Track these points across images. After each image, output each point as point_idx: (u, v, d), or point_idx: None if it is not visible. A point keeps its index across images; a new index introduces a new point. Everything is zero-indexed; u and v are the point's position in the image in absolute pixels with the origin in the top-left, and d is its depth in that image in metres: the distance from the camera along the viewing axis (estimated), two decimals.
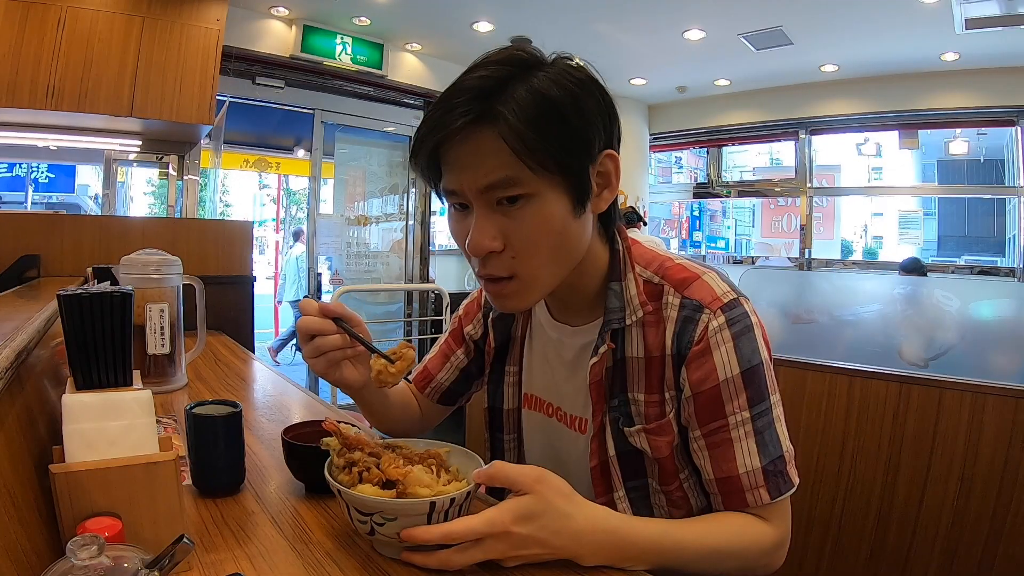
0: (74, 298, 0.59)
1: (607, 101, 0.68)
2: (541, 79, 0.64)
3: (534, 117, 0.62)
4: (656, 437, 0.73)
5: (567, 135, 0.64)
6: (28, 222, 2.02)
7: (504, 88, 0.63)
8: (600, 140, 0.67)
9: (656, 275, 0.75)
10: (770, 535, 0.70)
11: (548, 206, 0.65)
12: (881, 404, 1.51)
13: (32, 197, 6.91)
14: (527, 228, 0.66)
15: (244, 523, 0.70)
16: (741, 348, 0.69)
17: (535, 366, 0.87)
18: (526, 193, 0.65)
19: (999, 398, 1.37)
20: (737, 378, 0.69)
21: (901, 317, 2.69)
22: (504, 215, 0.66)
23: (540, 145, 0.62)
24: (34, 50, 2.71)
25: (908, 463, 1.47)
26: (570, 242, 0.69)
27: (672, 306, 0.72)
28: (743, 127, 5.52)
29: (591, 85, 0.67)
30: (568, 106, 0.64)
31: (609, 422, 0.76)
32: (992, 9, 3.35)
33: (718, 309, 0.70)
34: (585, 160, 0.66)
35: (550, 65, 0.67)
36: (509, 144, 0.62)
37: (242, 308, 2.25)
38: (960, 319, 2.52)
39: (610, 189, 0.71)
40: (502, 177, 0.64)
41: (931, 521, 1.43)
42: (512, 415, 0.90)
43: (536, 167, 0.63)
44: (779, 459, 0.69)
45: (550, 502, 0.59)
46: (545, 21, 3.91)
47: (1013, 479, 1.35)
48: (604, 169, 0.69)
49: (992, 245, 6.38)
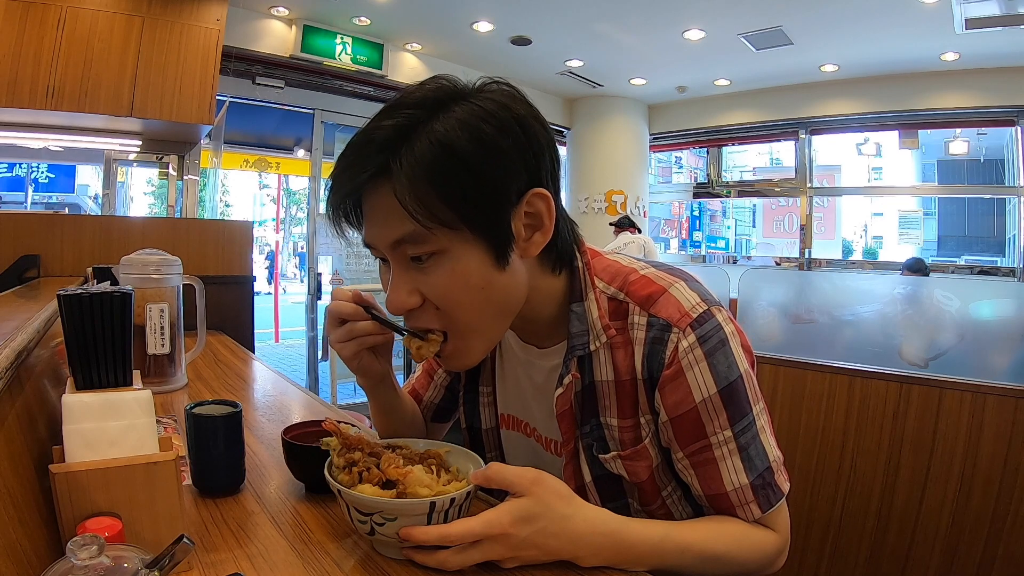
0: (74, 298, 0.59)
1: (532, 134, 0.61)
2: (447, 123, 0.58)
3: (431, 172, 0.57)
4: (633, 463, 0.71)
5: (472, 187, 0.58)
6: (28, 222, 2.02)
7: (406, 138, 0.58)
8: (521, 182, 0.61)
9: (620, 291, 0.70)
10: (771, 541, 0.69)
11: (460, 262, 0.61)
12: (881, 404, 1.51)
13: (32, 197, 6.92)
14: (442, 285, 0.62)
15: (244, 523, 0.70)
16: (716, 365, 0.65)
17: (508, 387, 0.84)
18: (434, 250, 0.60)
19: (999, 398, 1.37)
20: (715, 397, 0.65)
21: (901, 317, 2.69)
22: (419, 271, 0.62)
23: (439, 203, 0.57)
24: (34, 50, 2.71)
25: (908, 463, 1.47)
26: (497, 295, 0.64)
27: (639, 326, 0.68)
28: (743, 127, 5.53)
29: (508, 119, 0.60)
30: (474, 154, 0.57)
31: (583, 448, 0.73)
32: (992, 9, 3.36)
33: (687, 327, 0.65)
34: (500, 210, 0.60)
35: (467, 99, 0.60)
36: (401, 203, 0.57)
37: (242, 308, 2.25)
38: (960, 319, 2.52)
39: (542, 231, 0.64)
40: (404, 233, 0.59)
41: (931, 521, 1.43)
42: (491, 434, 0.87)
43: (436, 226, 0.58)
44: (766, 471, 0.67)
45: (548, 504, 0.59)
46: (545, 21, 3.91)
47: (1013, 479, 1.35)
48: (533, 210, 0.63)
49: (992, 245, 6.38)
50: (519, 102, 0.62)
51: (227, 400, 0.81)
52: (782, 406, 1.51)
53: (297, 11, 3.80)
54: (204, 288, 1.39)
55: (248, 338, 2.22)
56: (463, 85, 0.62)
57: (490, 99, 0.60)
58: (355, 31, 4.06)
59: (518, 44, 4.27)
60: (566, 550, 0.59)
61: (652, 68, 4.88)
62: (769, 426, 0.70)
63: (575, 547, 0.60)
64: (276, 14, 3.80)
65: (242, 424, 0.78)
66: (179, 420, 1.06)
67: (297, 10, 3.79)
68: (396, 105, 0.61)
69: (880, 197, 8.11)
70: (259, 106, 4.18)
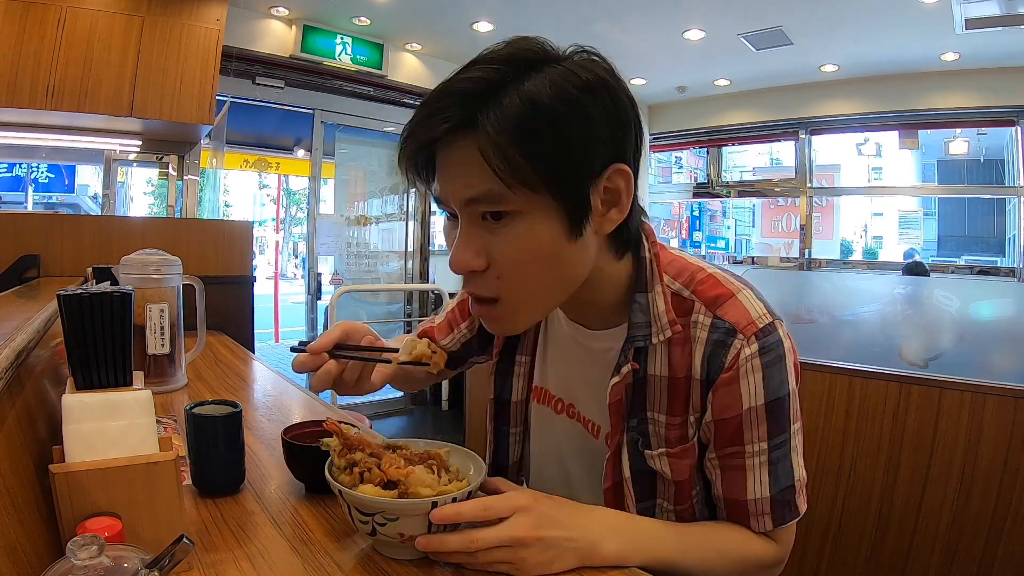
0: (74, 298, 0.59)
1: (621, 107, 0.60)
2: (537, 83, 0.56)
3: (518, 129, 0.55)
4: (679, 460, 0.70)
5: (558, 150, 0.57)
6: (28, 222, 2.02)
7: (494, 93, 0.56)
8: (606, 153, 0.59)
9: (686, 288, 0.69)
10: (771, 552, 0.70)
11: (536, 227, 0.59)
12: (881, 404, 1.51)
13: (32, 197, 6.91)
14: (512, 249, 0.60)
15: (244, 523, 0.70)
16: (770, 379, 0.65)
17: (550, 359, 0.82)
18: (511, 211, 0.58)
19: (999, 398, 1.37)
20: (760, 408, 0.65)
21: (901, 317, 2.68)
22: (489, 232, 0.60)
23: (523, 162, 0.55)
24: (34, 50, 2.70)
25: (908, 463, 1.47)
26: (563, 268, 0.62)
27: (702, 326, 0.67)
28: (743, 127, 5.52)
29: (600, 88, 0.58)
30: (563, 116, 0.56)
31: (627, 442, 0.72)
32: (992, 9, 3.35)
33: (752, 335, 0.65)
34: (583, 178, 0.59)
35: (558, 63, 0.59)
36: (485, 158, 0.55)
37: (242, 308, 2.25)
38: (960, 319, 2.52)
39: (619, 208, 0.62)
40: (483, 191, 0.58)
41: (931, 521, 1.43)
42: (520, 407, 0.86)
43: (517, 186, 0.56)
44: (788, 489, 0.68)
45: (553, 499, 0.63)
46: (545, 21, 3.90)
47: (1013, 479, 1.35)
48: (612, 185, 0.61)
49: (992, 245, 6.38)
50: (611, 74, 0.60)
51: (227, 400, 0.81)
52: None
53: (297, 11, 3.80)
54: (204, 288, 1.39)
55: (248, 338, 2.21)
56: (553, 49, 0.60)
57: (583, 66, 0.59)
58: (355, 31, 4.06)
59: None
60: (585, 528, 0.61)
61: (652, 68, 4.88)
62: (801, 447, 0.70)
63: (593, 522, 0.62)
64: (276, 14, 3.80)
65: (242, 424, 0.78)
66: (179, 420, 1.06)
67: (297, 10, 3.79)
68: (483, 60, 0.59)
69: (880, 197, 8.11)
70: (259, 106, 4.17)
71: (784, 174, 6.12)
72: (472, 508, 0.58)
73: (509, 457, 0.88)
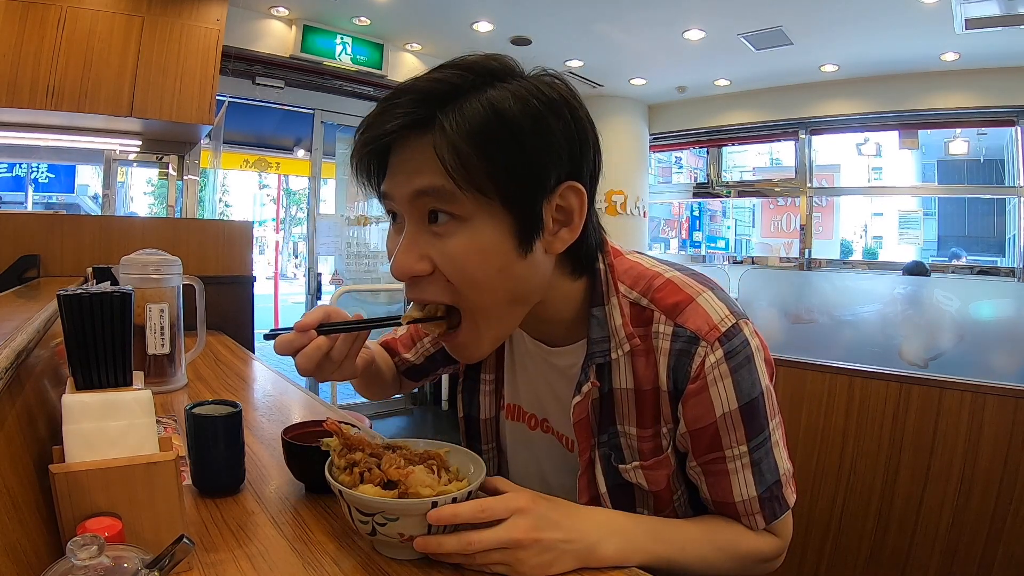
0: (74, 298, 0.59)
1: (581, 127, 0.60)
2: (501, 91, 0.56)
3: (477, 132, 0.55)
4: (654, 472, 0.70)
5: (515, 159, 0.56)
6: (28, 222, 2.02)
7: (455, 96, 0.56)
8: (562, 169, 0.59)
9: (644, 297, 0.68)
10: (770, 544, 0.70)
11: (483, 234, 0.58)
12: (881, 404, 1.51)
13: (32, 197, 6.92)
14: (458, 253, 0.58)
15: (244, 523, 0.70)
16: (740, 383, 0.64)
17: (518, 376, 0.81)
18: (458, 214, 0.58)
19: (999, 398, 1.37)
20: (735, 413, 0.65)
21: (901, 317, 2.68)
22: (434, 235, 0.59)
23: (477, 163, 0.55)
24: (34, 50, 2.71)
25: (908, 463, 1.47)
26: (513, 282, 0.61)
27: (664, 336, 0.66)
28: (743, 127, 5.52)
29: (562, 106, 0.59)
30: (524, 126, 0.56)
31: (599, 458, 0.72)
32: (992, 9, 3.36)
33: (715, 341, 0.63)
34: (536, 190, 0.58)
35: (523, 78, 0.59)
36: (439, 155, 0.55)
37: (242, 308, 2.25)
38: (960, 319, 2.52)
39: (570, 229, 0.62)
40: (431, 184, 0.57)
41: (931, 521, 1.43)
42: (489, 425, 0.85)
43: (467, 187, 0.55)
44: (775, 484, 0.68)
45: (551, 500, 0.62)
46: (545, 21, 3.91)
47: (1013, 479, 1.35)
48: (565, 203, 0.61)
49: (992, 245, 6.38)
50: (573, 96, 0.61)
51: (227, 400, 0.81)
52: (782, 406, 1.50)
53: (297, 11, 3.80)
54: (204, 288, 1.39)
55: (248, 338, 2.21)
56: (518, 66, 0.61)
57: (547, 84, 0.60)
58: (355, 31, 4.06)
59: (518, 44, 4.27)
60: (583, 530, 0.60)
61: (652, 68, 4.88)
62: (783, 439, 0.70)
63: (590, 523, 0.61)
64: (276, 14, 3.80)
65: (242, 424, 0.78)
66: (179, 420, 1.06)
67: (297, 10, 3.79)
68: (448, 65, 0.59)
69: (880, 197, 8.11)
70: (259, 106, 4.18)
71: (784, 174, 6.12)
72: (470, 509, 0.57)
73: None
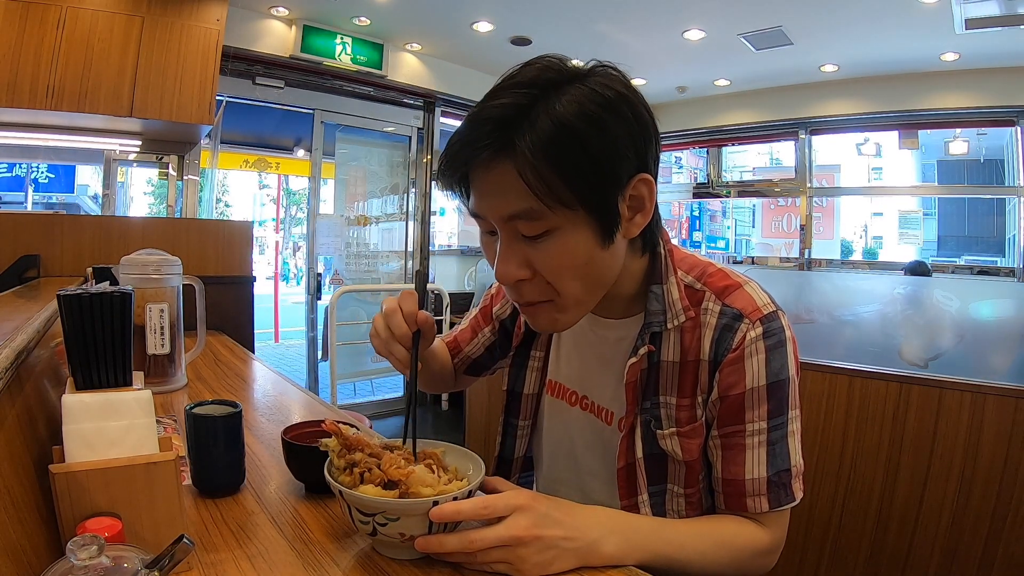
0: (74, 298, 0.59)
1: (642, 121, 0.64)
2: (565, 104, 0.60)
3: (551, 150, 0.59)
4: (689, 440, 0.74)
5: (588, 168, 0.61)
6: (28, 222, 2.01)
7: (525, 115, 0.60)
8: (630, 165, 0.64)
9: (698, 280, 0.75)
10: (764, 539, 0.71)
11: (571, 239, 0.64)
12: (881, 404, 1.51)
13: (32, 197, 6.91)
14: (552, 260, 0.65)
15: (244, 523, 0.70)
16: (772, 361, 0.70)
17: (564, 353, 0.87)
18: (548, 228, 0.63)
19: (999, 398, 1.38)
20: (762, 389, 0.70)
21: (901, 317, 2.68)
22: (528, 245, 0.65)
23: (557, 181, 0.60)
24: (34, 50, 2.70)
25: (908, 463, 1.47)
26: (597, 271, 0.68)
27: (712, 312, 0.73)
28: (743, 127, 5.51)
29: (622, 105, 0.62)
30: (590, 136, 0.60)
31: (640, 423, 0.77)
32: (992, 9, 3.35)
33: (757, 320, 0.70)
34: (611, 191, 0.64)
35: (581, 81, 0.62)
36: (525, 180, 0.60)
37: (242, 308, 2.25)
38: (960, 319, 2.52)
39: (643, 213, 0.68)
40: (522, 209, 0.62)
41: (931, 521, 1.43)
42: (531, 401, 0.91)
43: (554, 204, 0.61)
44: (785, 471, 0.71)
45: (551, 499, 0.64)
46: (545, 21, 3.90)
47: (1013, 479, 1.35)
48: (636, 193, 0.66)
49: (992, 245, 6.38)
50: (630, 88, 0.65)
51: (227, 400, 0.81)
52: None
53: (297, 11, 3.80)
54: (204, 288, 1.39)
55: (248, 338, 2.21)
56: (572, 67, 0.64)
57: (603, 83, 0.63)
58: (355, 31, 4.05)
59: (518, 44, 4.26)
60: (582, 527, 0.61)
61: (652, 68, 4.88)
62: (799, 434, 0.73)
63: (590, 520, 0.63)
64: (276, 14, 3.80)
65: (242, 424, 0.79)
66: (179, 420, 1.06)
67: (297, 10, 3.78)
68: (508, 85, 0.63)
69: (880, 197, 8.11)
70: (259, 106, 4.17)
71: (784, 174, 6.12)
72: (471, 506, 0.58)
73: (515, 451, 0.92)
